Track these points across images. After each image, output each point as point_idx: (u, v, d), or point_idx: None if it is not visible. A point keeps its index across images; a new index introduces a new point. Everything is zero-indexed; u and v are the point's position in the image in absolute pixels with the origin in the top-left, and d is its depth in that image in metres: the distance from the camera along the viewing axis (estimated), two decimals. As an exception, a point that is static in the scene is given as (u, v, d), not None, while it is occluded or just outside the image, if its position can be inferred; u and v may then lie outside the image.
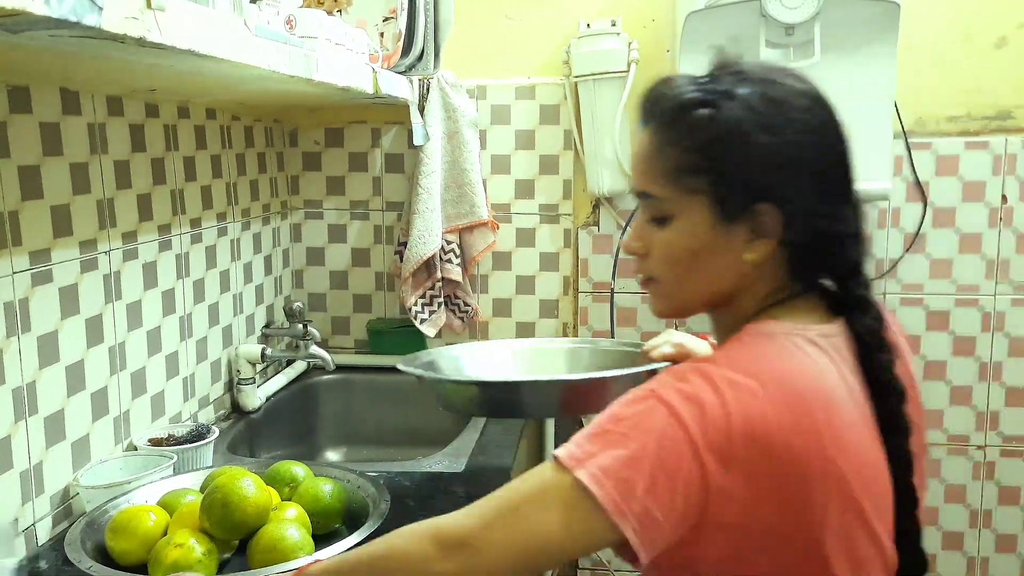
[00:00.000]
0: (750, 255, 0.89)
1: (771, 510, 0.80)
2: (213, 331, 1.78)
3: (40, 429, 1.24)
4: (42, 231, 1.24)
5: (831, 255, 0.90)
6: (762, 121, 0.86)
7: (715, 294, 0.92)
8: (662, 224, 0.91)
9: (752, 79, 0.88)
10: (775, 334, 0.87)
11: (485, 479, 1.46)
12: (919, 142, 2.02)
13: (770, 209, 0.87)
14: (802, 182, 0.88)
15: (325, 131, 2.18)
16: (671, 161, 0.89)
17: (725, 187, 0.87)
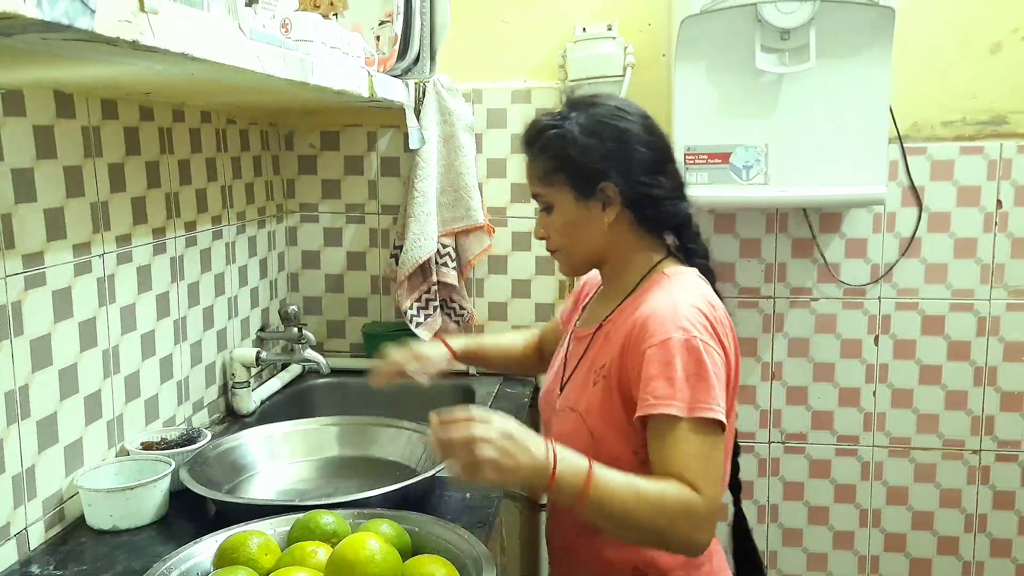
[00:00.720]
0: (607, 218, 1.28)
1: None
2: (208, 334, 1.78)
3: (32, 433, 1.23)
4: (35, 234, 1.23)
5: (659, 211, 1.30)
6: (588, 130, 1.26)
7: (596, 251, 1.32)
8: (549, 212, 1.31)
9: (581, 105, 1.30)
10: (678, 273, 1.29)
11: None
12: (914, 147, 2.03)
13: (609, 185, 1.26)
14: (624, 164, 1.26)
15: (321, 134, 2.17)
16: (540, 169, 1.30)
17: (576, 177, 1.27)
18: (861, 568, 2.20)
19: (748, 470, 2.19)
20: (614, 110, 1.28)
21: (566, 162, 1.26)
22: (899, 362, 2.11)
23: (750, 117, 1.88)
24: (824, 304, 2.11)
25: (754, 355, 2.15)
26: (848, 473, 2.17)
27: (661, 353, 1.15)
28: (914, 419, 2.13)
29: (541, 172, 1.29)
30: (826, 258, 2.09)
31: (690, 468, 1.11)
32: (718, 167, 1.89)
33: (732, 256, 2.12)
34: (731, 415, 1.24)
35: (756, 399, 2.17)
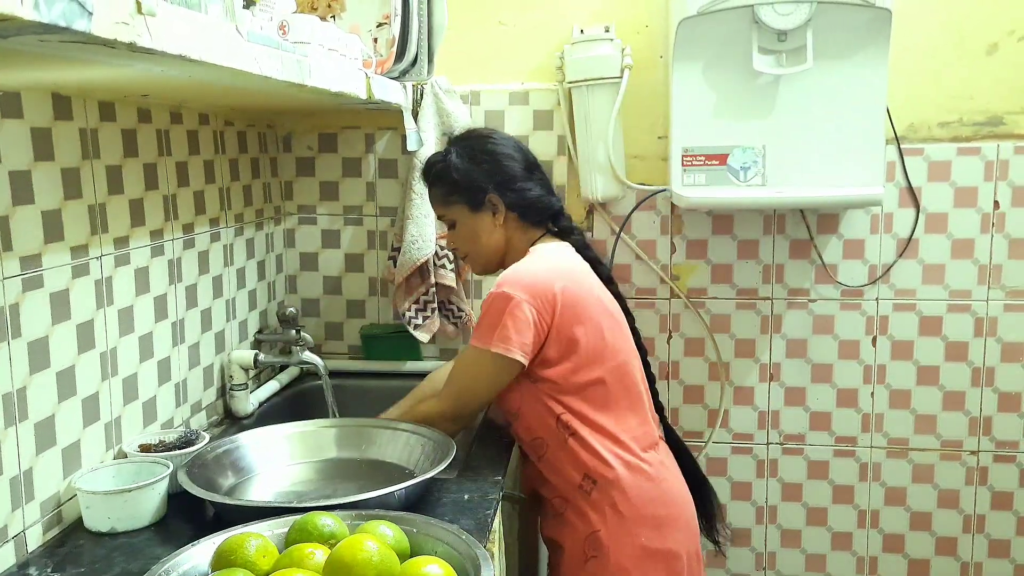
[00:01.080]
0: (497, 221, 1.67)
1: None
2: (206, 336, 1.78)
3: (30, 435, 1.23)
4: (33, 236, 1.23)
5: (536, 208, 1.68)
6: (466, 156, 1.67)
7: (496, 249, 1.69)
8: (454, 228, 1.70)
9: (460, 140, 1.72)
10: (541, 248, 1.66)
11: (480, 478, 1.46)
12: (911, 148, 2.03)
13: (493, 195, 1.65)
14: (500, 177, 1.65)
15: (319, 136, 2.18)
16: (439, 196, 1.70)
17: (466, 195, 1.66)
18: (859, 569, 2.20)
19: (746, 471, 2.20)
20: (484, 138, 1.69)
21: (455, 186, 1.65)
22: (897, 363, 2.11)
23: (747, 118, 1.88)
24: (822, 305, 2.12)
25: (752, 356, 2.15)
26: (846, 474, 2.17)
27: (484, 303, 1.56)
28: (912, 420, 2.13)
29: (440, 198, 1.69)
30: (824, 259, 2.09)
31: (452, 377, 1.61)
32: (715, 168, 1.90)
33: (730, 257, 2.12)
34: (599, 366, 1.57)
35: (754, 400, 2.17)
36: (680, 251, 2.14)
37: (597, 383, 1.57)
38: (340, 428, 1.63)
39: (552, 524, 1.65)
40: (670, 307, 2.16)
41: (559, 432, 1.56)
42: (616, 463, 1.55)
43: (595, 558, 1.56)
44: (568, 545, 1.61)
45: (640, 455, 1.58)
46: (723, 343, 2.16)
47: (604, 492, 1.55)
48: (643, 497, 1.56)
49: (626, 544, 1.56)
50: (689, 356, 2.17)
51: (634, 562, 1.56)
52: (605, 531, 1.55)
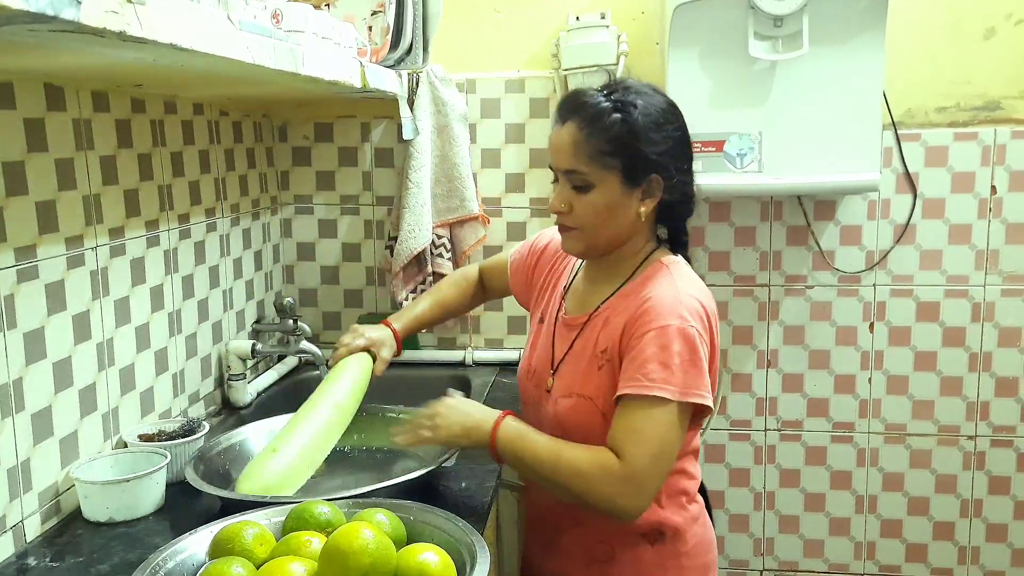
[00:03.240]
0: (643, 209, 1.32)
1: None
2: (203, 327, 1.78)
3: (27, 426, 1.23)
4: (27, 227, 1.23)
5: (683, 208, 1.37)
6: (652, 123, 1.29)
7: (616, 237, 1.35)
8: (585, 191, 1.31)
9: (640, 93, 1.31)
10: (676, 262, 1.36)
11: (478, 468, 1.47)
12: (908, 133, 2.03)
13: (657, 178, 1.31)
14: (673, 160, 1.31)
15: (314, 126, 2.17)
16: (594, 148, 1.29)
17: (630, 165, 1.29)
18: (858, 554, 2.21)
19: (744, 457, 2.20)
20: (671, 105, 1.34)
21: (626, 149, 1.28)
22: (894, 349, 2.12)
23: (744, 105, 1.87)
24: (819, 291, 2.12)
25: (749, 343, 2.15)
26: (844, 460, 2.17)
27: (659, 338, 1.23)
28: (909, 405, 2.13)
29: (594, 151, 1.28)
30: (821, 245, 2.09)
31: (634, 441, 1.23)
32: (712, 155, 1.89)
33: (727, 244, 2.12)
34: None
35: (752, 387, 2.17)
36: (677, 238, 2.13)
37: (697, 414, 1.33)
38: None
39: (576, 570, 1.42)
40: (667, 294, 2.16)
41: None
42: (684, 513, 1.38)
43: None
44: None
45: (696, 498, 1.43)
46: (721, 330, 2.12)
47: (671, 543, 1.37)
48: (701, 546, 1.41)
49: None
50: (687, 343, 2.17)
51: None
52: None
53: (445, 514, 1.17)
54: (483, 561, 1.05)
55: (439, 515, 1.17)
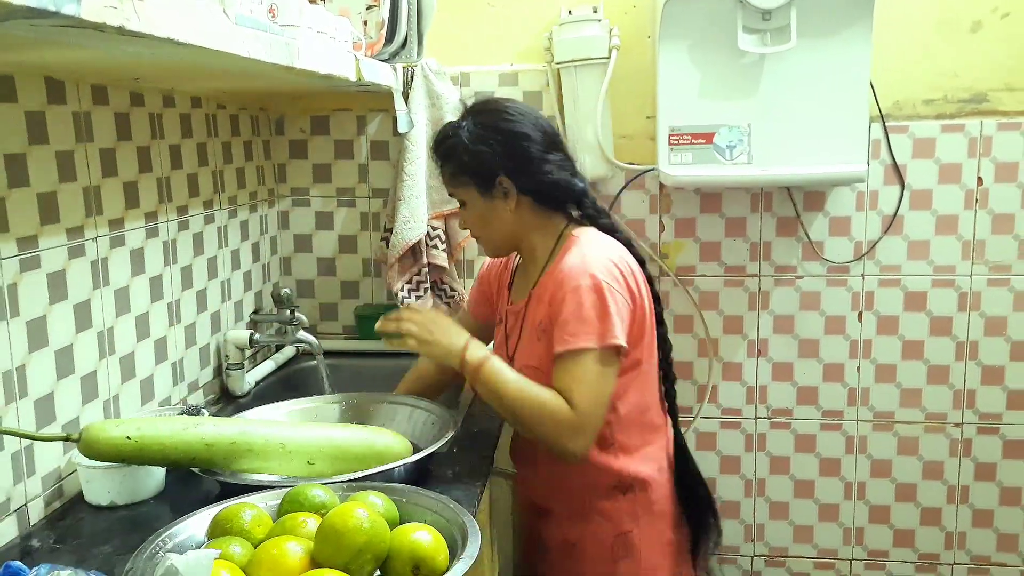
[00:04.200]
0: (508, 206, 1.52)
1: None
2: (201, 317, 1.81)
3: (31, 411, 1.27)
4: (29, 218, 1.26)
5: (555, 191, 1.54)
6: (476, 137, 1.50)
7: (509, 233, 1.55)
8: (464, 207, 1.57)
9: (474, 112, 1.55)
10: (584, 232, 1.53)
11: (470, 453, 1.50)
12: (896, 125, 2.06)
13: (504, 179, 1.50)
14: (513, 161, 1.49)
15: (311, 119, 2.20)
16: (448, 173, 1.56)
17: (475, 177, 1.51)
18: (846, 540, 2.24)
19: (734, 445, 2.24)
20: (500, 114, 1.52)
21: (464, 167, 1.52)
22: (882, 338, 2.15)
23: (733, 97, 1.90)
24: (808, 282, 2.15)
25: (740, 332, 2.19)
26: (833, 447, 2.21)
27: (573, 298, 1.42)
28: (897, 394, 2.17)
29: (448, 176, 1.56)
30: (810, 236, 2.12)
31: (575, 389, 1.40)
32: (702, 147, 1.92)
33: (718, 235, 2.15)
34: (643, 346, 1.52)
35: (742, 375, 2.20)
36: (669, 229, 2.17)
37: (649, 379, 1.55)
38: (342, 404, 1.66)
39: (568, 527, 1.58)
40: (659, 284, 2.19)
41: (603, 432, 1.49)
42: (650, 465, 1.55)
43: (626, 559, 1.55)
44: (590, 547, 1.56)
45: (668, 453, 1.61)
46: (711, 320, 2.19)
47: (638, 494, 1.54)
48: (671, 495, 1.59)
49: (656, 542, 1.57)
50: (678, 333, 2.21)
51: (664, 558, 1.58)
52: (637, 531, 1.55)
53: (437, 496, 1.21)
54: (474, 540, 1.09)
55: (431, 497, 1.21)
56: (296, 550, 1.02)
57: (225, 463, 1.30)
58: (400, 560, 1.04)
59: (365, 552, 1.02)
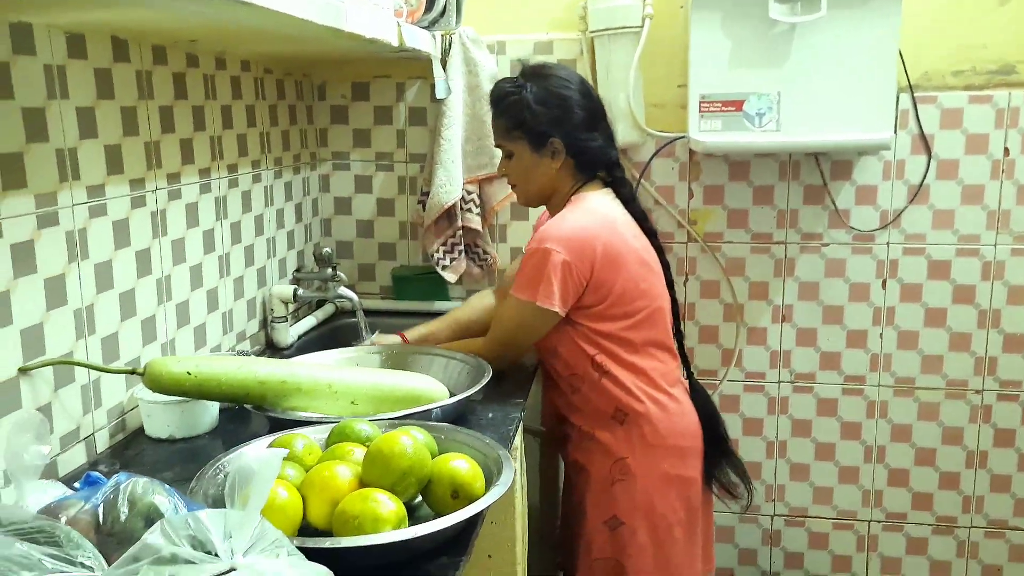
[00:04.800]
0: (554, 165, 1.71)
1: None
2: (249, 271, 1.90)
3: (98, 348, 1.36)
4: (97, 168, 1.35)
5: (594, 158, 1.73)
6: (539, 99, 1.67)
7: (545, 188, 1.75)
8: (510, 159, 1.74)
9: (534, 76, 1.70)
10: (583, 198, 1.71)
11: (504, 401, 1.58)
12: (924, 96, 2.09)
13: (556, 140, 1.69)
14: (568, 124, 1.68)
15: (351, 85, 2.28)
16: (504, 127, 1.72)
17: (530, 134, 1.69)
18: (865, 502, 2.30)
19: (757, 408, 2.30)
20: (560, 80, 1.70)
21: (522, 123, 1.68)
22: (905, 305, 2.19)
23: (763, 66, 1.95)
24: (834, 249, 2.20)
25: (765, 298, 2.24)
26: (854, 411, 2.26)
27: (528, 258, 1.64)
28: (919, 360, 2.21)
29: (504, 130, 1.72)
30: (837, 204, 2.17)
31: (494, 326, 1.72)
32: (732, 115, 1.97)
33: (746, 203, 2.20)
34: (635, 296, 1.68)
35: (767, 340, 2.26)
36: (697, 197, 2.22)
37: (630, 328, 1.68)
38: (382, 354, 1.74)
39: (580, 448, 1.76)
40: (687, 251, 2.25)
41: (593, 372, 1.69)
42: (645, 399, 1.69)
43: (621, 481, 1.70)
44: (594, 469, 1.73)
45: (667, 391, 1.73)
46: (738, 286, 2.25)
47: (634, 424, 1.69)
48: (668, 429, 1.71)
49: (651, 470, 1.70)
50: (705, 298, 2.27)
51: (657, 486, 1.70)
52: (632, 459, 1.70)
53: (473, 433, 1.29)
54: (508, 470, 1.17)
55: (468, 434, 1.29)
56: (346, 472, 1.11)
57: (275, 401, 1.40)
58: (441, 485, 1.13)
59: (409, 475, 1.11)
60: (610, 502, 1.71)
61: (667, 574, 1.72)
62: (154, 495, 0.94)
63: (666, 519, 1.71)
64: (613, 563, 1.72)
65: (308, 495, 1.08)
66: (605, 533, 1.72)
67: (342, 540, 0.99)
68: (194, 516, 0.77)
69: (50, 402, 1.26)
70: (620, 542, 1.70)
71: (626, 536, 1.70)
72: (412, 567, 1.03)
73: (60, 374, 1.28)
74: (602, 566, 1.73)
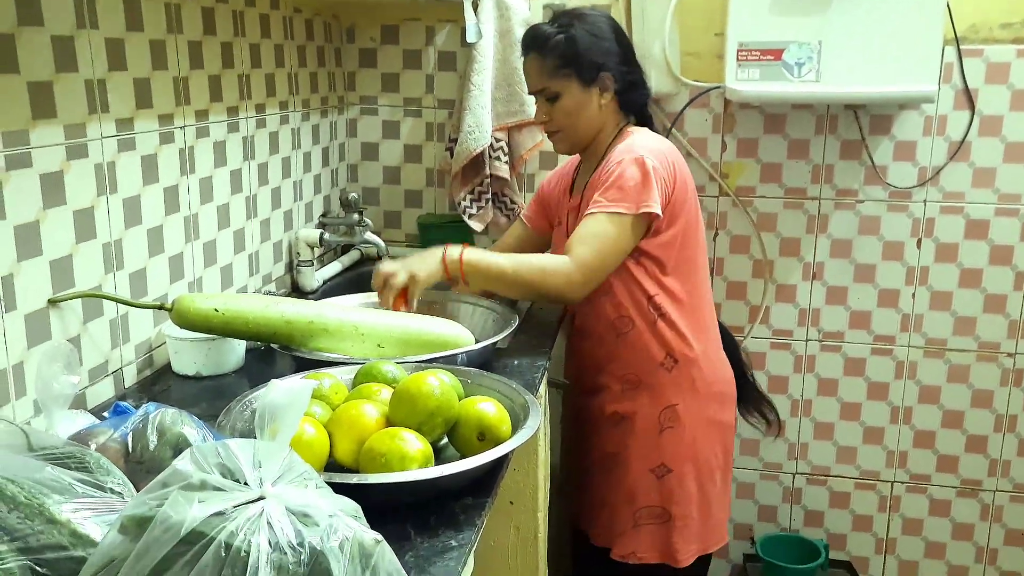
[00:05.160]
0: (603, 101, 1.66)
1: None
2: (276, 214, 1.89)
3: (126, 283, 1.36)
4: (126, 101, 1.34)
5: (636, 94, 1.70)
6: (591, 33, 1.64)
7: (590, 128, 1.68)
8: (555, 100, 1.66)
9: (577, 16, 1.66)
10: (638, 131, 1.69)
11: (530, 349, 1.57)
12: (970, 49, 2.02)
13: (607, 75, 1.64)
14: (615, 58, 1.65)
15: (381, 28, 2.24)
16: (552, 66, 1.64)
17: (582, 69, 1.63)
18: (889, 462, 2.29)
19: (783, 366, 2.28)
20: (597, 18, 1.68)
21: (575, 58, 1.62)
22: (940, 265, 2.15)
23: (804, 14, 1.89)
24: (869, 206, 2.15)
25: (796, 255, 2.21)
26: (882, 372, 2.24)
27: (616, 171, 1.57)
28: (951, 321, 2.18)
29: (551, 68, 1.64)
30: (874, 160, 2.12)
31: (581, 242, 1.55)
32: (770, 64, 1.92)
33: (780, 156, 2.16)
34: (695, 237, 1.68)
35: (796, 298, 2.23)
36: (731, 149, 2.18)
37: (693, 266, 1.68)
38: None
39: (622, 398, 1.72)
40: (718, 204, 2.21)
41: (649, 312, 1.66)
42: (697, 344, 1.69)
43: (671, 428, 1.70)
44: (640, 418, 1.70)
45: (711, 337, 1.74)
46: (769, 241, 2.21)
47: (684, 370, 1.68)
48: (713, 375, 1.72)
49: (699, 417, 1.71)
50: (734, 253, 2.23)
51: (703, 432, 1.71)
52: (683, 405, 1.69)
53: (499, 378, 1.28)
54: (535, 414, 1.16)
55: (495, 379, 1.28)
56: (372, 411, 1.11)
57: (302, 341, 1.39)
58: (467, 427, 1.12)
59: (436, 416, 1.10)
60: (658, 450, 1.70)
61: (707, 518, 1.73)
62: (183, 426, 0.94)
63: (709, 464, 1.72)
64: (659, 511, 1.71)
65: (335, 433, 1.08)
66: (651, 481, 1.71)
67: (368, 476, 0.99)
68: (223, 444, 0.77)
69: (79, 334, 1.26)
70: (667, 489, 1.70)
71: (674, 483, 1.70)
72: (438, 506, 1.03)
73: (89, 307, 1.28)
74: (647, 514, 1.72)
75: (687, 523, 1.71)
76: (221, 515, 0.71)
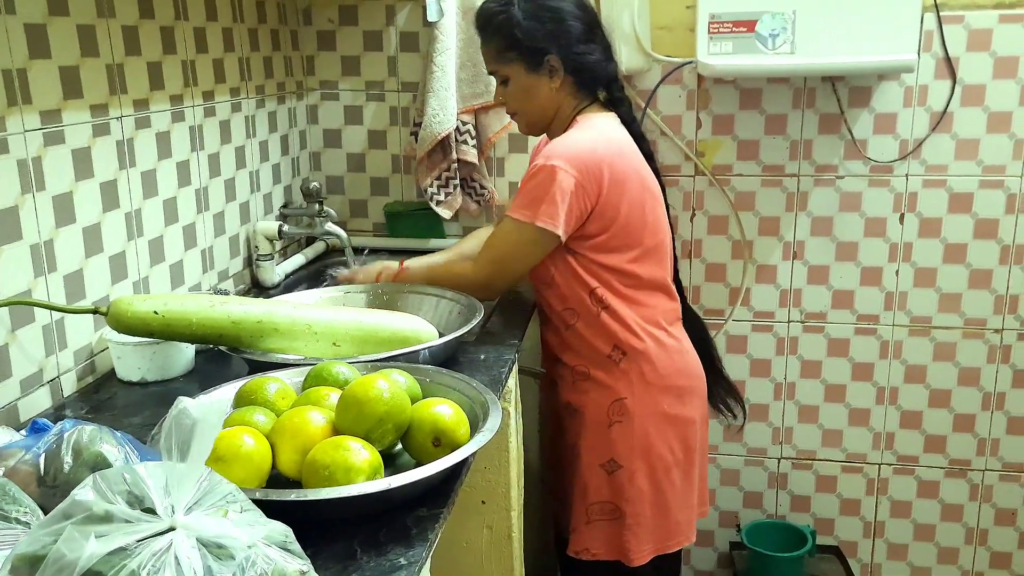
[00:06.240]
0: (553, 84, 1.60)
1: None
2: (230, 206, 1.81)
3: (60, 286, 1.28)
4: (51, 91, 1.25)
5: (593, 73, 1.62)
6: (529, 14, 1.55)
7: (548, 111, 1.63)
8: (506, 84, 1.62)
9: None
10: (588, 118, 1.62)
11: (498, 342, 1.50)
12: (951, 15, 1.95)
13: (553, 57, 1.57)
14: (562, 39, 1.56)
15: (339, 8, 2.14)
16: (495, 50, 1.60)
17: (525, 52, 1.57)
18: (876, 444, 2.23)
19: (765, 348, 2.21)
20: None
21: (515, 42, 1.56)
22: (924, 241, 2.09)
23: (778, -18, 1.81)
24: (849, 182, 2.08)
25: (776, 234, 2.14)
26: (867, 352, 2.17)
27: (531, 176, 1.53)
28: (936, 298, 2.11)
29: (495, 52, 1.60)
30: (854, 134, 2.04)
31: (487, 247, 1.60)
32: (743, 36, 1.84)
33: (757, 133, 2.08)
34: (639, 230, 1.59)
35: (776, 278, 2.16)
36: (706, 127, 2.10)
37: (634, 260, 1.59)
38: (369, 293, 1.66)
39: (574, 389, 1.69)
40: (694, 184, 2.14)
41: (592, 305, 1.60)
42: (645, 337, 1.62)
43: (619, 423, 1.63)
44: (590, 411, 1.66)
45: (667, 329, 1.65)
46: (747, 221, 2.14)
47: (632, 363, 1.62)
48: (667, 368, 1.64)
49: (649, 410, 1.63)
50: (712, 234, 2.16)
51: (655, 427, 1.64)
52: (631, 399, 1.63)
53: (459, 375, 1.21)
54: (495, 415, 1.09)
55: (454, 376, 1.21)
56: (318, 419, 1.03)
57: (252, 342, 1.31)
58: (421, 432, 1.05)
59: (386, 422, 1.02)
60: (607, 445, 1.64)
61: (664, 517, 1.66)
62: (102, 444, 0.86)
63: (664, 460, 1.65)
64: (611, 507, 1.65)
65: (278, 442, 1.01)
66: (602, 476, 1.65)
67: (309, 492, 0.91)
68: (130, 469, 0.69)
69: (7, 343, 1.18)
70: (618, 485, 1.64)
71: (624, 479, 1.64)
72: (389, 518, 0.95)
73: (18, 314, 1.20)
74: (599, 510, 1.66)
75: (639, 521, 1.65)
76: (123, 551, 0.64)
